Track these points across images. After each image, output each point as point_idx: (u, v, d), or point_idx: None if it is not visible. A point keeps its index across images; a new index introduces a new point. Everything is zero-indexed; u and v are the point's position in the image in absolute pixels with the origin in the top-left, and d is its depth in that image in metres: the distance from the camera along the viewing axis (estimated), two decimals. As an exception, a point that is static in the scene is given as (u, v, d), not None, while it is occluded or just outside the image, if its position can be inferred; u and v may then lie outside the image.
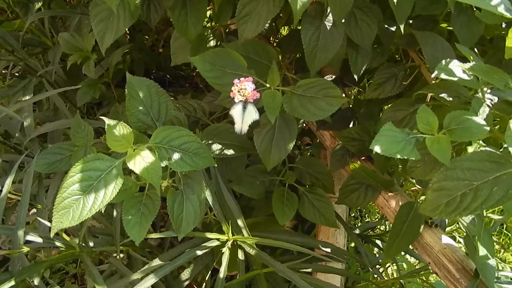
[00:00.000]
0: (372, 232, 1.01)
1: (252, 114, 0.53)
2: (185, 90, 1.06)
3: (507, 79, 0.42)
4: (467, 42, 0.57)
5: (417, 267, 1.11)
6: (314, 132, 0.89)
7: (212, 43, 0.75)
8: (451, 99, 0.51)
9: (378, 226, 1.02)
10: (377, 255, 0.96)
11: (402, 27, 0.56)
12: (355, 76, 0.61)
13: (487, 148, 0.42)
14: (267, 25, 0.55)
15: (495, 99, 0.53)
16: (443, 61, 0.48)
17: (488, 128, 0.42)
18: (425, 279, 0.97)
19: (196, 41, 0.72)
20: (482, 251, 0.60)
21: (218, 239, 0.63)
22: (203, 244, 0.63)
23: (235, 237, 0.63)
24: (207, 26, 0.86)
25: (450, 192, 0.41)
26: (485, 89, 0.49)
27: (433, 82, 0.60)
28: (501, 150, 0.42)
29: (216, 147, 0.69)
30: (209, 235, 0.62)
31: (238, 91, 0.53)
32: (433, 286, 1.12)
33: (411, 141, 0.42)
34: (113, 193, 0.50)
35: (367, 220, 1.22)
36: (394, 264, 1.02)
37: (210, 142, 0.69)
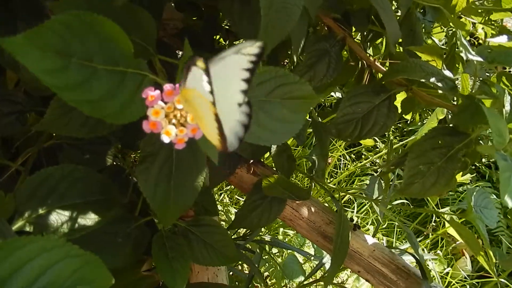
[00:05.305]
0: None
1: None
2: None
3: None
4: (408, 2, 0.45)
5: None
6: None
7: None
8: (440, 84, 0.38)
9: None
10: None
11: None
12: (294, 57, 0.39)
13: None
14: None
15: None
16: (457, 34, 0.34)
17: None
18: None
19: None
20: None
21: None
22: None
23: None
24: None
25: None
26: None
27: (373, 59, 0.46)
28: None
29: (57, 218, 0.34)
30: None
31: (167, 115, 0.23)
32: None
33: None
34: None
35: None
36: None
37: (42, 211, 0.33)
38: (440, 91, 0.39)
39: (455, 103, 0.44)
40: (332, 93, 1.32)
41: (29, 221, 0.32)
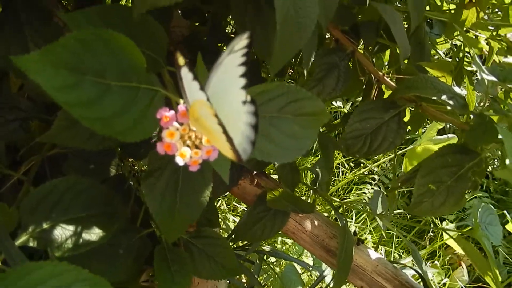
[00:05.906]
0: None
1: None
2: None
3: None
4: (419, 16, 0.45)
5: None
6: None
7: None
8: (451, 102, 0.38)
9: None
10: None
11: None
12: (305, 71, 0.38)
13: None
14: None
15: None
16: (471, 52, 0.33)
17: None
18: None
19: None
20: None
21: None
22: None
23: None
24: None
25: None
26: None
27: (381, 74, 0.45)
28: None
29: (62, 233, 0.33)
30: None
31: (182, 137, 0.22)
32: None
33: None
34: None
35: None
36: None
37: (46, 226, 0.33)
38: (449, 108, 0.38)
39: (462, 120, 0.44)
40: (333, 102, 1.32)
41: (33, 236, 0.31)
